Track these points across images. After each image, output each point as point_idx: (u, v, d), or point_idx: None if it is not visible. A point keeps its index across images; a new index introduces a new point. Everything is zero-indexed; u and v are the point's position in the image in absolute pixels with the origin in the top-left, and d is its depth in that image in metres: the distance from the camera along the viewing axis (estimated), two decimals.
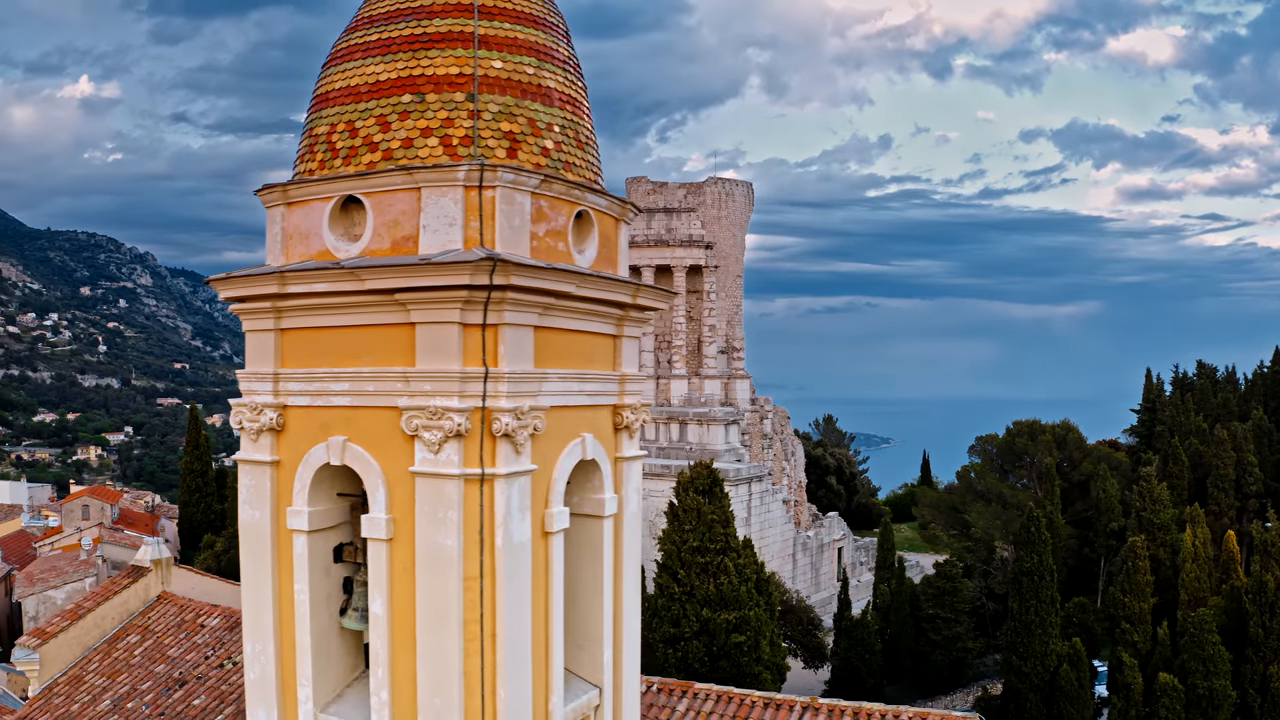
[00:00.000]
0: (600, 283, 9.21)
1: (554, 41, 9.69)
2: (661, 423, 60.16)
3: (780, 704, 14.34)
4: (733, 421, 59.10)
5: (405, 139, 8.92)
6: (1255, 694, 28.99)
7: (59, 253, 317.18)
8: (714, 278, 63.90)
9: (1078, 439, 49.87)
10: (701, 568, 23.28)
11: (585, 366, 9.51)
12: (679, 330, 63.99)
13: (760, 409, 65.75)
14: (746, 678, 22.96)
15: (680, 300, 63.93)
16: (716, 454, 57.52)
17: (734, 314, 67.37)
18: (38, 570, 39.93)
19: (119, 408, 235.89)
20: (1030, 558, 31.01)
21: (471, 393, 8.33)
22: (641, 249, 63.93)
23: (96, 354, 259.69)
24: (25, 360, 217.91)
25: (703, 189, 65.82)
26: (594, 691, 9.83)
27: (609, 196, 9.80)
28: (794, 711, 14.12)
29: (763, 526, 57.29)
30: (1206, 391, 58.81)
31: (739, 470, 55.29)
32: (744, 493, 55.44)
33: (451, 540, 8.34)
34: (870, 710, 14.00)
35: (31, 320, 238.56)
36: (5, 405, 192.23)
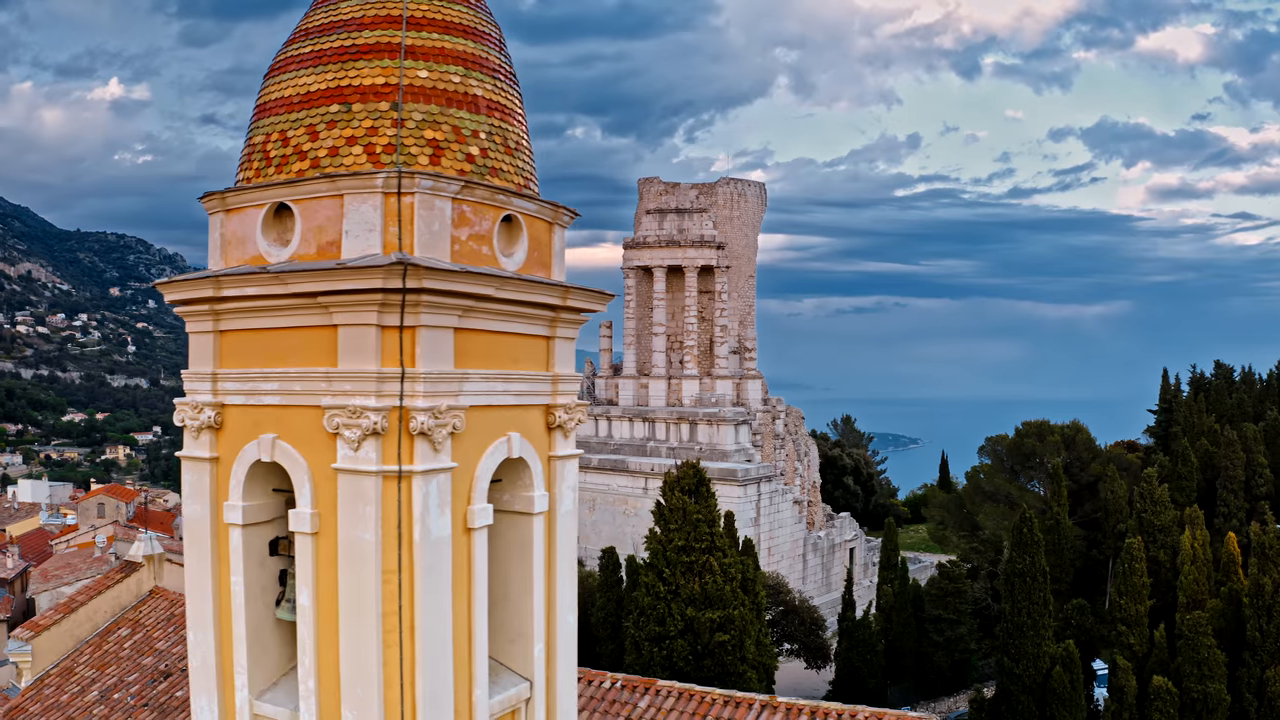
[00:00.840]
0: (523, 285, 9.45)
1: (484, 50, 9.94)
2: (672, 423, 60.37)
3: (739, 702, 14.52)
4: (743, 422, 59.18)
5: (332, 148, 9.22)
6: (1252, 698, 28.66)
7: (88, 254, 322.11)
8: (725, 278, 64.02)
9: (1086, 440, 49.47)
10: (687, 567, 23.44)
11: (512, 367, 9.76)
12: (690, 330, 64.18)
13: (773, 409, 65.78)
14: (731, 676, 23.08)
15: (692, 300, 64.13)
16: (726, 454, 57.66)
17: (746, 314, 67.43)
18: (53, 567, 40.81)
19: (148, 407, 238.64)
20: (1023, 558, 30.86)
21: (388, 392, 8.61)
22: (653, 249, 64.20)
23: (125, 354, 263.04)
24: (55, 360, 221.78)
25: (714, 189, 65.98)
26: (524, 685, 10.08)
27: (539, 201, 10.04)
28: (752, 709, 14.29)
29: (772, 526, 57.32)
30: (1221, 392, 58.15)
31: (747, 470, 55.37)
32: (753, 492, 55.52)
33: (369, 535, 8.62)
34: (827, 709, 14.15)
35: (61, 321, 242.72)
36: (35, 405, 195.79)
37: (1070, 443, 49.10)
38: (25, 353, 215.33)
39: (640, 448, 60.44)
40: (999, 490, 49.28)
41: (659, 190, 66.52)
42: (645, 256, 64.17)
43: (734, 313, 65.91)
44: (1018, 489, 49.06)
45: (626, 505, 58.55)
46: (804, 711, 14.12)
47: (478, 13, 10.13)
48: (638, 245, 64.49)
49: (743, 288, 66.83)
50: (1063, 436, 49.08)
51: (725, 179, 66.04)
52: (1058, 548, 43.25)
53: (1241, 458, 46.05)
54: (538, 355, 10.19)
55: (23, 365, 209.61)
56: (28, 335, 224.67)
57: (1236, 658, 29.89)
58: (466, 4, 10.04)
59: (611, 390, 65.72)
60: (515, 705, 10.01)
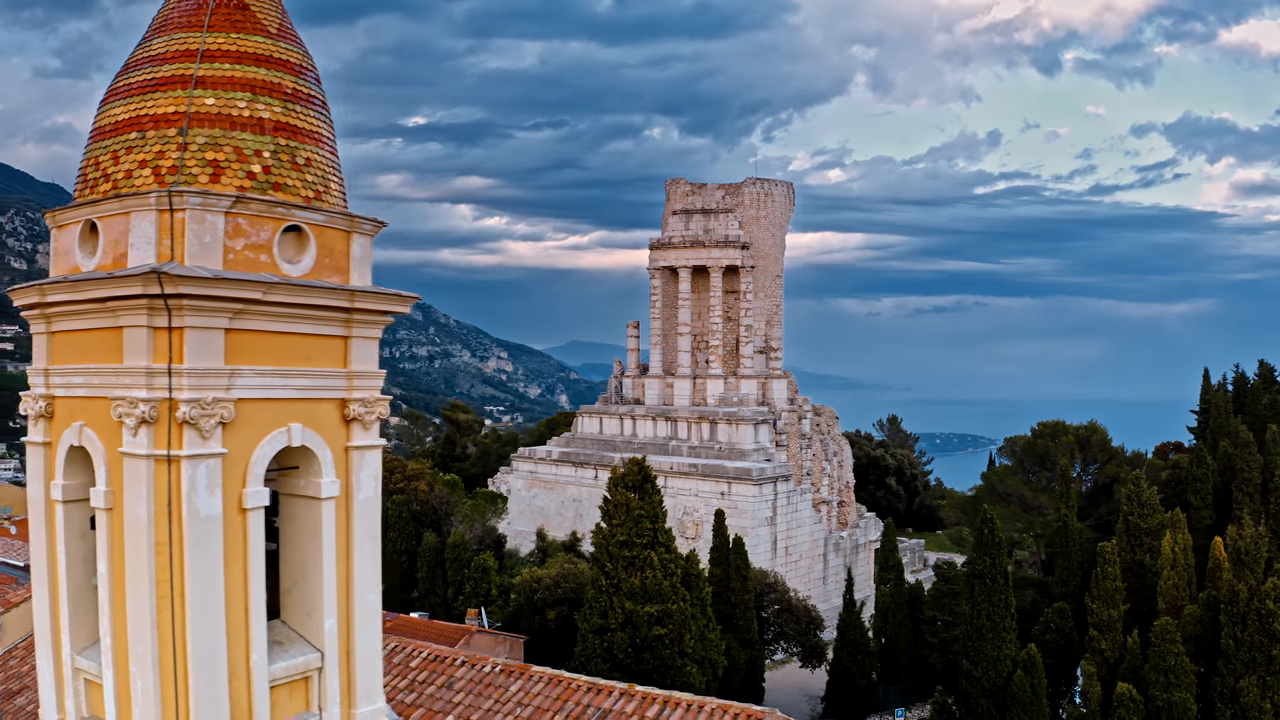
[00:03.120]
0: (296, 290, 10.48)
1: (278, 77, 11.01)
2: (693, 422, 60.98)
3: (601, 689, 15.31)
4: (762, 421, 59.45)
5: (128, 170, 10.42)
6: (1224, 708, 27.92)
7: None
8: (750, 278, 64.32)
9: (1102, 440, 48.49)
10: (628, 561, 24.15)
11: (297, 364, 10.78)
12: (715, 330, 64.66)
13: (799, 409, 65.80)
14: (670, 670, 23.72)
15: (717, 300, 64.59)
16: (745, 453, 58.04)
17: (774, 314, 67.57)
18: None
19: None
20: (982, 559, 30.64)
21: (158, 385, 9.74)
22: (678, 250, 64.88)
23: None
24: None
25: (741, 190, 66.28)
26: (315, 655, 11.09)
27: (329, 213, 11.06)
28: (612, 695, 15.07)
29: (789, 526, 57.49)
30: (1258, 392, 56.24)
31: (763, 470, 55.66)
32: (769, 491, 55.78)
33: (144, 511, 9.76)
34: (679, 700, 14.83)
35: None
36: None
37: (1085, 443, 48.23)
38: None
39: (663, 446, 61.18)
40: (1012, 491, 48.69)
41: (685, 191, 67.12)
42: (670, 257, 64.89)
43: (760, 312, 66.14)
44: (1031, 490, 48.40)
45: None
46: (657, 700, 14.83)
47: (278, 43, 11.21)
48: (663, 246, 65.24)
49: (770, 287, 66.99)
50: (1077, 437, 48.24)
51: (752, 179, 66.27)
52: (1065, 550, 42.66)
53: (1258, 460, 44.66)
54: (332, 354, 11.20)
55: None
56: None
57: (1212, 666, 29.26)
58: (265, 34, 11.13)
59: (638, 389, 66.61)
60: (306, 672, 11.03)
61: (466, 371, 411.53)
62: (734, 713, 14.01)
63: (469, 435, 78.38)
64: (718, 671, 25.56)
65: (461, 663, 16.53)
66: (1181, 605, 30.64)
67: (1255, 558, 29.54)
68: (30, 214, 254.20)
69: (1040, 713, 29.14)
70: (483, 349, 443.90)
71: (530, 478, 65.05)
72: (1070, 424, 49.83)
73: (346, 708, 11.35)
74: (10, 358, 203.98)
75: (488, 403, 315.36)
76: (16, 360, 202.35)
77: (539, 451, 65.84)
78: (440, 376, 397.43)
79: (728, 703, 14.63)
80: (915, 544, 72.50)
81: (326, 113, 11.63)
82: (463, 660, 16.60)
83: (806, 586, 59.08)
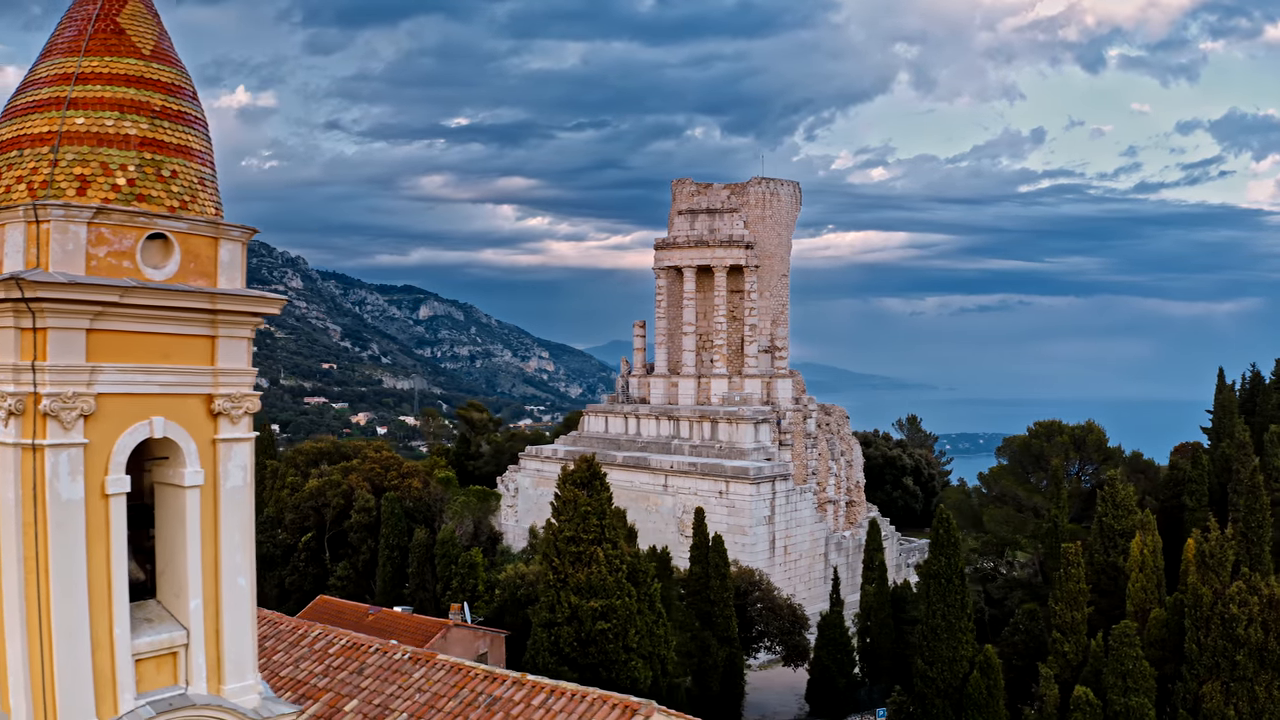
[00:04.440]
0: (156, 293, 11.36)
1: (146, 95, 11.93)
2: (695, 421, 61.51)
3: (497, 677, 16.07)
4: (763, 420, 59.82)
5: (7, 186, 11.41)
6: (1186, 713, 27.67)
7: None
8: (754, 277, 64.67)
9: (1098, 441, 48.14)
10: (575, 556, 24.80)
11: (160, 361, 11.68)
12: (719, 330, 65.12)
13: (804, 408, 66.03)
14: (615, 664, 24.36)
15: (721, 300, 65.05)
16: (744, 452, 58.46)
17: (779, 313, 67.86)
18: None
19: (267, 406, 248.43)
20: (938, 559, 30.76)
21: (24, 380, 10.70)
22: (682, 250, 65.43)
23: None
24: None
25: (746, 189, 66.66)
26: (181, 632, 11.97)
27: (192, 220, 11.95)
28: (505, 684, 15.82)
29: (788, 525, 57.80)
30: (1269, 392, 55.39)
31: (760, 469, 56.03)
32: (766, 490, 56.13)
33: (10, 495, 10.72)
34: (564, 689, 15.52)
35: None
36: None
37: (1081, 444, 47.93)
38: None
39: (665, 445, 61.80)
40: (1005, 492, 48.53)
41: (691, 191, 67.66)
42: (675, 257, 65.46)
43: (765, 312, 66.45)
44: (1025, 490, 48.19)
45: (648, 502, 60.06)
46: (544, 689, 15.53)
47: (150, 64, 12.13)
48: (668, 246, 65.85)
49: (775, 287, 67.29)
50: (1073, 437, 47.96)
51: (757, 179, 66.61)
52: (1054, 552, 42.56)
53: (1254, 461, 44.13)
54: (198, 352, 12.09)
55: None
56: None
57: (1179, 671, 29.05)
58: (138, 56, 12.05)
59: (644, 389, 67.29)
60: (172, 648, 11.92)
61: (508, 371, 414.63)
62: (612, 703, 14.67)
63: (483, 434, 79.59)
64: (667, 666, 26.14)
65: (375, 650, 17.38)
66: (1149, 608, 30.51)
67: (1220, 561, 29.34)
68: None
69: (997, 714, 29.15)
70: (524, 349, 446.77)
71: (537, 475, 66.01)
72: (1067, 424, 49.55)
73: (215, 683, 12.21)
74: None
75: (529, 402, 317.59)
76: None
77: (545, 450, 66.82)
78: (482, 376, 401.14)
79: (608, 693, 15.30)
80: (925, 544, 72.29)
81: (199, 128, 12.53)
82: (376, 648, 17.45)
83: (807, 586, 59.37)
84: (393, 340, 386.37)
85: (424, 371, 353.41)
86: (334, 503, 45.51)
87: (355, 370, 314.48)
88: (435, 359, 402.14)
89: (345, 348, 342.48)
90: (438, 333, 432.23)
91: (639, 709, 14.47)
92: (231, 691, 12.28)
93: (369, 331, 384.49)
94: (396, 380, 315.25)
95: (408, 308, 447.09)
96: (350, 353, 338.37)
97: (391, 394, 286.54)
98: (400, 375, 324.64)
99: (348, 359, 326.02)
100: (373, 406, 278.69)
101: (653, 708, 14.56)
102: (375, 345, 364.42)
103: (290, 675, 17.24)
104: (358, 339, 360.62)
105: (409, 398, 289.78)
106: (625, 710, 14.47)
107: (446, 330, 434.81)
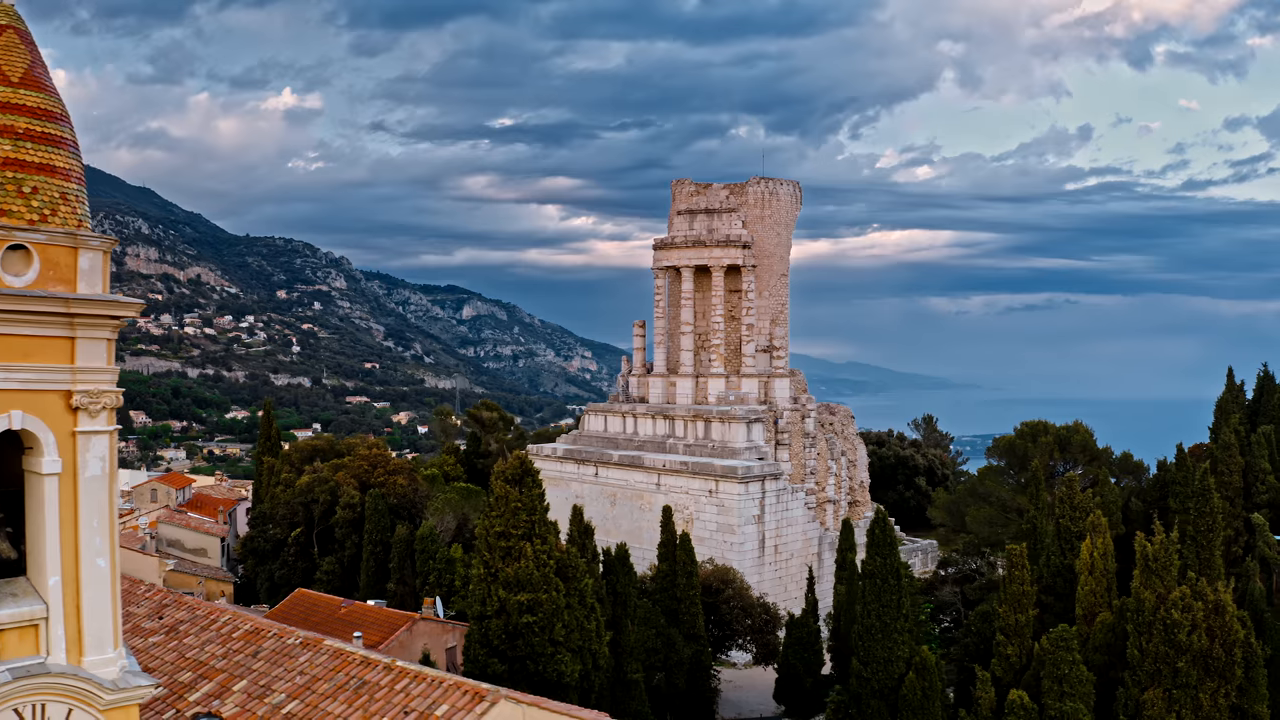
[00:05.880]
0: (11, 299, 12.40)
1: (11, 120, 12.99)
2: (689, 421, 62.09)
3: (373, 663, 17.03)
4: (756, 420, 60.22)
5: None
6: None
7: (256, 258, 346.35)
8: (752, 277, 65.08)
9: (1083, 441, 47.87)
10: (504, 551, 25.62)
11: (21, 360, 12.75)
12: (717, 329, 65.59)
13: (802, 408, 66.30)
14: (540, 658, 25.15)
15: (718, 299, 65.52)
16: (736, 451, 58.92)
17: (779, 313, 68.17)
18: None
19: (309, 405, 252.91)
20: (873, 559, 30.97)
21: None
22: (680, 250, 66.02)
23: (290, 354, 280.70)
24: (220, 360, 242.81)
25: (745, 189, 67.04)
26: (41, 606, 13.02)
27: (50, 231, 13.00)
28: (376, 669, 16.81)
29: (779, 525, 58.14)
30: (1273, 392, 54.57)
31: (749, 469, 56.45)
32: (755, 490, 56.54)
33: None
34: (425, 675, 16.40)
35: (228, 323, 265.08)
36: (200, 403, 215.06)
37: (1065, 444, 47.74)
38: (192, 353, 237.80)
39: (661, 444, 62.45)
40: (990, 492, 48.56)
41: (690, 191, 68.22)
42: (673, 256, 66.07)
43: (764, 311, 66.80)
44: (1008, 491, 48.17)
45: (642, 500, 60.77)
46: (408, 675, 16.45)
47: (17, 90, 13.20)
48: (666, 246, 66.49)
49: (775, 286, 67.61)
50: (1057, 438, 47.79)
51: (756, 178, 66.96)
52: (1033, 553, 42.57)
53: (1239, 463, 43.79)
54: (58, 352, 13.15)
55: (189, 365, 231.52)
56: (195, 336, 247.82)
57: (1122, 677, 29.01)
58: (6, 84, 13.12)
59: (643, 388, 68.00)
60: (33, 620, 12.98)
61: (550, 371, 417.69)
62: (464, 689, 15.52)
63: (493, 433, 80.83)
64: (598, 661, 26.85)
65: (273, 635, 18.43)
66: (1098, 612, 30.53)
67: (1164, 565, 29.22)
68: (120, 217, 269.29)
69: (933, 716, 29.30)
70: (567, 348, 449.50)
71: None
72: (1054, 424, 49.41)
73: (75, 655, 13.26)
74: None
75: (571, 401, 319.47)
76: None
77: (545, 449, 67.84)
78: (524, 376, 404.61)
79: (462, 680, 16.16)
80: (929, 544, 72.04)
81: (66, 147, 13.60)
82: (274, 633, 18.51)
83: (799, 585, 59.61)
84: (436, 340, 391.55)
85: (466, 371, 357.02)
86: (322, 499, 46.89)
87: (397, 370, 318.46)
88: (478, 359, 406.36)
89: (388, 347, 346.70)
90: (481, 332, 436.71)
91: (486, 695, 15.28)
92: (91, 663, 13.31)
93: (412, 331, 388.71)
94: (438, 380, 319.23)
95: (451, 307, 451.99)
96: (393, 352, 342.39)
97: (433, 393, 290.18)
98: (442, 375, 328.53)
99: (390, 359, 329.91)
100: (414, 406, 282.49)
101: (499, 694, 15.35)
102: (418, 345, 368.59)
103: (195, 656, 18.38)
104: (401, 339, 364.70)
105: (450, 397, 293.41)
106: (474, 696, 15.31)
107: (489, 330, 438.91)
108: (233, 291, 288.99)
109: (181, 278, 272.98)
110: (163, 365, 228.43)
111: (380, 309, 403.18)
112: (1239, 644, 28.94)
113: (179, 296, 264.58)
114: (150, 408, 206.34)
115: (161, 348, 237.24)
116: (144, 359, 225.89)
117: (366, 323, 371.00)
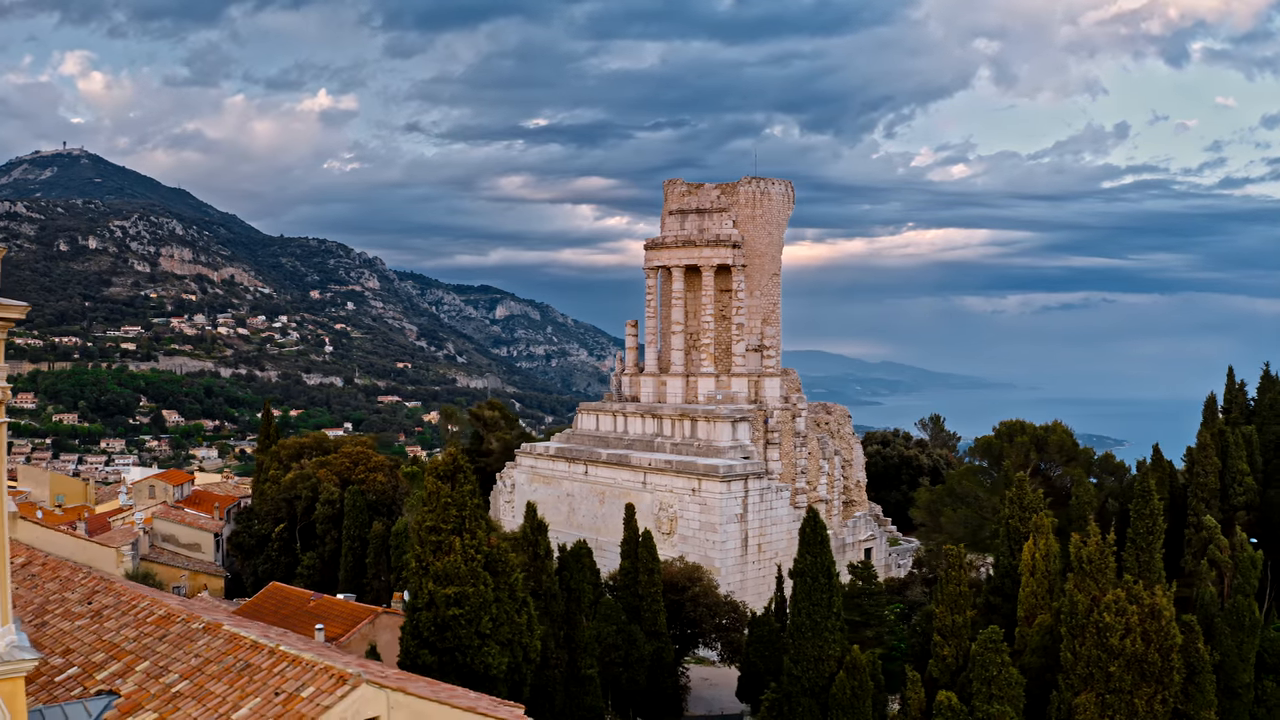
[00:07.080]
0: None
1: None
2: (676, 420, 62.36)
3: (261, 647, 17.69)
4: (741, 419, 60.34)
5: None
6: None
7: (290, 259, 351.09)
8: (742, 276, 65.18)
9: (1060, 441, 47.39)
10: (435, 545, 26.24)
11: None
12: (707, 329, 65.79)
13: (793, 407, 66.28)
14: (468, 649, 25.72)
15: (709, 299, 65.71)
16: (721, 450, 59.10)
17: (770, 312, 68.17)
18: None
19: (340, 404, 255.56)
20: (804, 558, 31.00)
21: None
22: (670, 249, 66.30)
23: (322, 354, 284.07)
24: (253, 360, 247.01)
25: (736, 189, 67.12)
26: None
27: None
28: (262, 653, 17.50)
29: (763, 524, 58.21)
30: (1265, 392, 53.58)
31: (731, 467, 56.60)
32: (738, 489, 56.68)
33: None
34: (301, 659, 16.97)
35: (261, 322, 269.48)
36: (232, 402, 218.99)
37: (1042, 444, 47.28)
38: (225, 353, 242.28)
39: (649, 443, 62.79)
40: (968, 493, 48.31)
41: (682, 191, 68.44)
42: (664, 256, 66.37)
43: (755, 311, 66.87)
44: (984, 491, 47.89)
45: (629, 498, 61.13)
46: (286, 659, 17.05)
47: None
48: (657, 245, 66.80)
49: (766, 286, 67.63)
50: (1033, 438, 47.38)
51: (748, 178, 67.01)
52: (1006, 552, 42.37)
53: (1215, 464, 43.11)
54: None
55: (222, 365, 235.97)
56: (228, 336, 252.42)
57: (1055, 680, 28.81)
58: None
59: (635, 387, 68.40)
60: None
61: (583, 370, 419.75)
62: (331, 673, 16.11)
63: (494, 431, 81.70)
64: (529, 654, 27.35)
65: (180, 620, 19.27)
66: (1039, 614, 30.37)
67: (1099, 567, 28.97)
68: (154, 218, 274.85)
69: (863, 715, 29.34)
70: (599, 347, 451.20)
71: (531, 472, 67.76)
72: (1031, 424, 49.03)
73: None
74: (132, 356, 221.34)
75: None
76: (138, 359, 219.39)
77: (539, 447, 68.50)
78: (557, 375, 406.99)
79: (331, 664, 16.70)
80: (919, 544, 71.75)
81: None
82: (182, 619, 19.34)
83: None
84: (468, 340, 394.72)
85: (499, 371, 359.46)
86: (304, 495, 47.92)
87: (430, 369, 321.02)
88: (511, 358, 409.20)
89: (421, 347, 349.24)
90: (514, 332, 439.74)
91: (348, 679, 15.86)
92: None
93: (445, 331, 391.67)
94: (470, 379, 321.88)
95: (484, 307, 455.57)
96: (425, 352, 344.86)
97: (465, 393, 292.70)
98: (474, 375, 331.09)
99: (423, 358, 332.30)
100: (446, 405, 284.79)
101: (360, 679, 15.90)
102: (451, 345, 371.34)
103: (110, 639, 19.35)
104: (433, 338, 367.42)
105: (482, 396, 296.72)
106: (338, 680, 15.90)
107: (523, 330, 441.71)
108: (266, 292, 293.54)
109: (215, 278, 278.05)
110: (196, 365, 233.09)
111: (413, 309, 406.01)
112: (1176, 649, 28.67)
113: (213, 297, 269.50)
114: (183, 407, 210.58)
115: (195, 348, 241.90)
116: (177, 359, 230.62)
117: (399, 323, 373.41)
